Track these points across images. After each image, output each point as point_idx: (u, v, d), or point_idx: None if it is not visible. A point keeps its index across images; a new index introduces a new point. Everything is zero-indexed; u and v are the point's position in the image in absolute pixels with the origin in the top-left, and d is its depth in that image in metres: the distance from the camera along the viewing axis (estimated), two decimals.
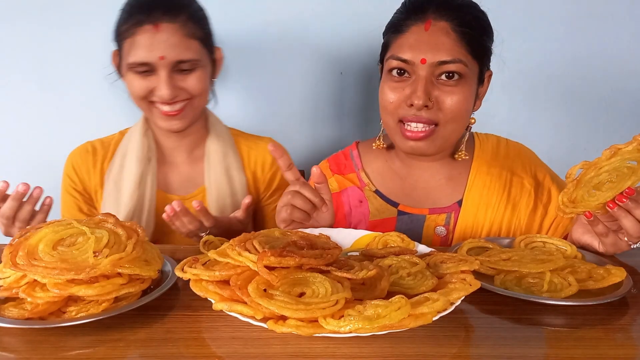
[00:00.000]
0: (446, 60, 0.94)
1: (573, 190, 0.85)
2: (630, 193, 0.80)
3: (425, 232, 1.08)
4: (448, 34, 0.95)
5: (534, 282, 0.76)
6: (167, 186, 1.22)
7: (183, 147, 1.22)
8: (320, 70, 1.44)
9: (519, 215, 1.07)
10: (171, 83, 1.06)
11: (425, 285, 0.67)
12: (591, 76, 1.47)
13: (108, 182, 1.17)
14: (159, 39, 1.03)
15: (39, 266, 0.63)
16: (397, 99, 0.99)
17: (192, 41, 1.07)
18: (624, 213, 0.82)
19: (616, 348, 0.63)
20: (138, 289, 0.68)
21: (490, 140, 1.14)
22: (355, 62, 1.44)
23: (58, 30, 1.34)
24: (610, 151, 0.83)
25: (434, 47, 0.95)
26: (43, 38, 1.34)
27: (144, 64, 1.04)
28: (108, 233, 0.69)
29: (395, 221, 1.09)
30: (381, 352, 0.59)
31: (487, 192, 1.07)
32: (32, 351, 0.59)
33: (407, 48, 0.97)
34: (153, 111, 1.11)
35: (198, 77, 1.09)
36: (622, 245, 0.88)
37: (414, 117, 0.97)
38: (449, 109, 0.97)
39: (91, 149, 1.20)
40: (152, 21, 1.03)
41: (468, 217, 1.07)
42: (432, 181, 1.10)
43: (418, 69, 0.96)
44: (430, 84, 0.96)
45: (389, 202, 1.10)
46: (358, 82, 1.47)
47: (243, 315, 0.59)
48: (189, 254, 0.74)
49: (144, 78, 1.07)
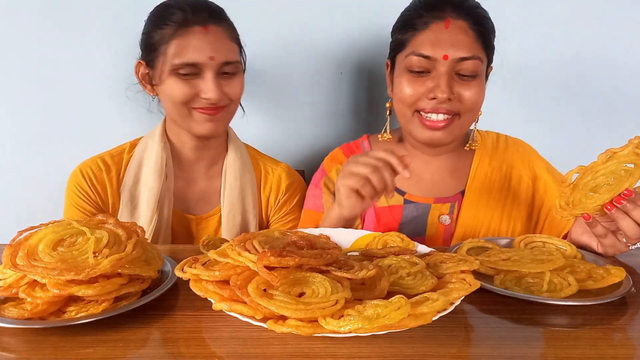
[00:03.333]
0: (466, 57, 1.01)
1: (570, 194, 0.85)
2: (629, 195, 0.81)
3: (430, 221, 1.12)
4: (466, 32, 1.02)
5: (533, 282, 0.76)
6: (184, 203, 1.20)
7: (203, 161, 1.20)
8: (320, 70, 1.44)
9: (519, 205, 1.13)
10: (219, 85, 1.06)
11: (425, 285, 0.67)
12: (591, 76, 1.47)
13: (124, 195, 1.14)
14: (208, 39, 1.04)
15: (39, 267, 0.63)
16: (416, 92, 1.04)
17: (235, 45, 1.11)
18: (622, 215, 0.82)
19: (616, 348, 0.63)
20: (138, 289, 0.69)
21: (490, 135, 1.21)
22: (355, 62, 1.44)
23: (58, 30, 1.34)
24: (606, 155, 0.83)
25: (455, 44, 1.00)
26: (43, 38, 1.34)
27: (193, 64, 1.04)
28: (108, 233, 0.69)
29: (401, 209, 1.13)
30: (381, 352, 0.59)
31: (489, 183, 1.14)
32: (32, 351, 0.59)
33: (428, 45, 1.02)
34: (193, 116, 1.09)
35: (239, 82, 1.11)
36: (621, 246, 0.88)
37: (433, 109, 1.03)
38: (469, 100, 1.03)
39: (103, 166, 1.15)
40: (200, 23, 1.04)
41: (471, 206, 1.12)
42: (437, 173, 1.16)
43: (439, 65, 1.01)
44: (451, 79, 1.02)
45: (396, 190, 1.11)
46: (358, 82, 1.47)
47: (243, 315, 0.59)
48: (189, 254, 0.74)
49: (188, 82, 1.05)
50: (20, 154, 1.42)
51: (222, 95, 1.07)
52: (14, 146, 1.41)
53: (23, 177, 1.43)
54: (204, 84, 1.05)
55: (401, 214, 1.12)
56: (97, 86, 1.38)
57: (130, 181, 1.15)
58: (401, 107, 1.08)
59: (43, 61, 1.36)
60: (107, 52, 1.36)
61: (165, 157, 1.15)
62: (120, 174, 1.16)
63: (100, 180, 1.15)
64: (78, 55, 1.36)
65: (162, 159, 1.14)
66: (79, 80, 1.38)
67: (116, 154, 1.18)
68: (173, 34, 1.04)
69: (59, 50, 1.35)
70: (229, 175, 1.19)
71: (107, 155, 1.17)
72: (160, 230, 1.14)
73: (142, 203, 1.14)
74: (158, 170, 1.13)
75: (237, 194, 1.18)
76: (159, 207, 1.13)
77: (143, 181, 1.14)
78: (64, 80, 1.38)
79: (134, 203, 1.14)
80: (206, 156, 1.20)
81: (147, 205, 1.12)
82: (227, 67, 1.08)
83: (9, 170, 1.42)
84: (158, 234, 1.14)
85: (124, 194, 1.14)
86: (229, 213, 1.18)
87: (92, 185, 1.14)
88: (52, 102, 1.39)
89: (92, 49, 1.36)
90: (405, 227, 1.12)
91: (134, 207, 1.14)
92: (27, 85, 1.37)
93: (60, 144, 1.41)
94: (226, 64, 1.07)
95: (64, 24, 1.34)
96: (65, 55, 1.36)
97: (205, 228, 1.21)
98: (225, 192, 1.18)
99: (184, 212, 1.19)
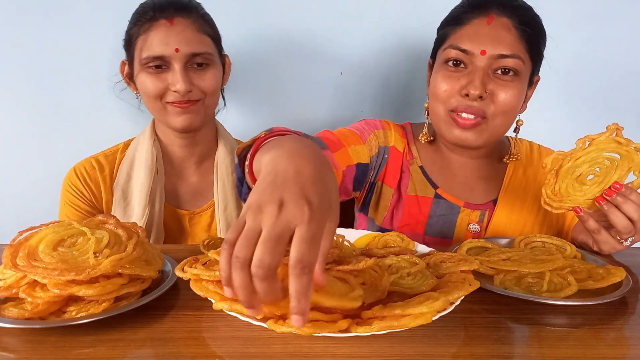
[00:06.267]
0: (506, 54, 0.96)
1: (555, 183, 0.86)
2: (619, 188, 0.81)
3: (459, 226, 1.10)
4: (509, 29, 0.97)
5: (533, 282, 0.76)
6: (176, 199, 1.21)
7: (193, 157, 1.21)
8: (320, 70, 1.44)
9: (551, 216, 1.10)
10: (186, 76, 1.06)
11: (425, 285, 0.67)
12: (591, 76, 1.47)
13: (117, 192, 1.16)
14: (173, 32, 1.05)
15: (39, 267, 0.63)
16: (450, 88, 1.00)
17: (205, 37, 1.10)
18: (613, 208, 0.83)
19: (615, 348, 0.63)
20: (138, 289, 0.69)
21: (524, 144, 1.18)
22: (355, 62, 1.44)
23: (55, 30, 1.34)
24: (584, 141, 0.83)
25: (495, 40, 0.96)
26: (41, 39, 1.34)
27: (159, 57, 1.05)
28: (108, 234, 0.70)
29: (430, 202, 1.10)
30: (381, 352, 0.59)
31: (523, 193, 1.10)
32: (32, 351, 0.59)
33: (466, 39, 0.98)
34: (168, 110, 1.10)
35: (211, 74, 1.11)
36: (615, 243, 0.87)
37: (466, 108, 0.98)
38: (502, 102, 0.98)
39: (97, 165, 1.18)
40: (166, 17, 1.06)
41: (502, 216, 1.09)
42: (471, 177, 1.12)
43: (476, 60, 0.97)
44: (486, 76, 0.97)
45: (429, 181, 1.11)
46: (358, 82, 1.47)
47: (243, 315, 0.59)
48: (189, 254, 0.74)
49: (158, 75, 1.07)
50: (20, 154, 1.42)
51: (192, 87, 1.08)
52: (14, 146, 1.41)
53: (23, 177, 1.43)
54: (172, 76, 1.06)
55: (429, 207, 1.10)
56: (100, 86, 1.38)
57: (123, 178, 1.17)
58: (434, 104, 1.04)
59: (42, 62, 1.36)
60: (109, 52, 1.36)
61: (156, 154, 1.17)
62: (114, 173, 1.19)
63: (93, 179, 1.17)
64: (78, 55, 1.36)
65: (152, 155, 1.16)
66: (79, 80, 1.38)
67: (110, 153, 1.21)
68: (140, 29, 1.07)
69: (61, 51, 1.35)
70: (220, 170, 1.20)
71: (101, 156, 1.20)
72: (153, 226, 1.15)
73: (134, 199, 1.15)
74: (149, 166, 1.16)
75: (230, 188, 1.19)
76: (150, 202, 1.14)
77: (135, 178, 1.16)
78: (64, 80, 1.38)
79: (127, 199, 1.16)
80: (196, 152, 1.21)
81: (139, 200, 1.14)
82: (197, 59, 1.08)
83: (9, 170, 1.42)
84: (150, 229, 1.15)
85: (117, 191, 1.17)
86: (225, 209, 1.19)
87: (86, 184, 1.17)
88: (52, 102, 1.39)
89: (92, 50, 1.36)
90: (433, 225, 1.10)
91: (126, 204, 1.16)
92: (27, 85, 1.37)
93: (60, 144, 1.41)
94: (194, 55, 1.07)
95: (61, 24, 1.34)
96: (67, 55, 1.36)
97: (198, 223, 1.21)
98: (219, 187, 1.19)
99: (176, 207, 1.20)
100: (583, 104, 1.49)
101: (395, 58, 1.44)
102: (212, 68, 1.11)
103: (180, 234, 1.21)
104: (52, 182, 1.39)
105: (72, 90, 1.39)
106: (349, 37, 1.41)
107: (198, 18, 1.10)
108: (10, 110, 1.39)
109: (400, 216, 1.11)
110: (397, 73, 1.46)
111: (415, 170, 1.12)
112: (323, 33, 1.41)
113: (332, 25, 1.40)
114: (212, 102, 1.15)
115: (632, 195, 0.83)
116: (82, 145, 1.30)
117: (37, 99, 1.38)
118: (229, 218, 1.19)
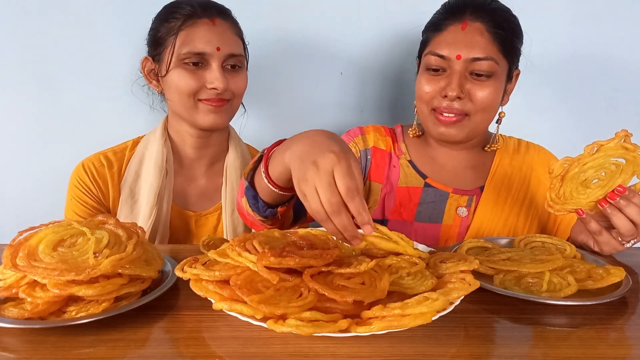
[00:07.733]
0: (479, 57, 1.04)
1: (560, 187, 0.86)
2: (622, 191, 0.81)
3: (448, 210, 1.15)
4: (482, 34, 1.04)
5: (533, 282, 0.76)
6: (184, 200, 1.21)
7: (204, 159, 1.22)
8: (320, 70, 1.44)
9: (537, 206, 1.16)
10: (224, 75, 1.08)
11: (424, 285, 0.67)
12: (591, 76, 1.47)
13: (124, 190, 1.16)
14: (215, 31, 1.08)
15: (39, 267, 0.63)
16: (432, 90, 1.08)
17: (240, 40, 1.14)
18: (616, 211, 0.83)
19: (615, 348, 0.63)
20: (138, 289, 0.69)
21: (512, 139, 1.25)
22: (355, 62, 1.44)
23: (60, 29, 1.34)
24: (593, 147, 0.83)
25: (469, 45, 1.04)
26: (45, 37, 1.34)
27: (200, 54, 1.07)
28: (108, 234, 0.70)
29: (420, 191, 1.16)
30: (381, 352, 0.59)
31: (508, 181, 1.17)
32: (32, 351, 0.59)
33: (444, 45, 1.06)
34: (199, 107, 1.11)
35: (243, 76, 1.15)
36: (616, 244, 0.88)
37: (446, 108, 1.07)
38: (480, 100, 1.06)
39: (105, 161, 1.17)
40: (208, 16, 1.08)
41: (489, 201, 1.14)
42: (459, 166, 1.19)
43: (453, 64, 1.05)
44: (463, 78, 1.05)
45: (419, 172, 1.18)
46: (358, 82, 1.47)
47: (243, 315, 0.59)
48: (189, 254, 0.74)
49: (195, 72, 1.08)
50: (20, 154, 1.42)
51: (228, 86, 1.09)
52: (15, 146, 1.41)
53: (23, 177, 1.43)
54: (210, 74, 1.08)
55: (419, 196, 1.15)
56: (99, 86, 1.38)
57: (131, 177, 1.17)
58: (419, 104, 1.12)
59: (45, 61, 1.36)
60: (110, 51, 1.36)
61: (166, 154, 1.17)
62: (122, 170, 1.18)
63: (102, 175, 1.16)
64: (80, 54, 1.36)
65: (162, 155, 1.16)
66: (81, 79, 1.38)
67: (119, 150, 1.21)
68: (181, 25, 1.07)
69: (62, 49, 1.35)
70: (229, 173, 1.20)
71: (110, 152, 1.20)
72: (159, 226, 1.15)
73: (141, 198, 1.15)
74: (159, 166, 1.15)
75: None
76: (158, 203, 1.14)
77: (143, 177, 1.16)
78: (66, 80, 1.38)
79: (134, 198, 1.16)
80: (207, 154, 1.21)
81: (147, 200, 1.14)
82: (232, 60, 1.11)
83: (9, 170, 1.42)
84: (156, 229, 1.15)
85: (125, 189, 1.16)
86: (232, 212, 1.18)
87: (94, 179, 1.16)
88: (53, 102, 1.39)
89: (95, 49, 1.36)
90: (423, 212, 1.15)
91: (134, 202, 1.16)
92: (28, 84, 1.37)
93: (61, 143, 1.41)
94: (231, 56, 1.10)
95: (65, 23, 1.34)
96: (67, 54, 1.36)
97: (204, 225, 1.21)
98: (227, 191, 1.19)
99: (183, 208, 1.20)
100: (583, 104, 1.49)
101: (396, 58, 1.44)
102: (243, 71, 1.15)
103: (186, 235, 1.21)
104: (53, 182, 1.40)
105: (73, 91, 1.38)
106: (349, 37, 1.42)
107: (235, 22, 1.14)
108: (10, 110, 1.39)
109: (392, 206, 1.16)
110: (397, 73, 1.46)
111: (405, 164, 1.20)
112: (323, 33, 1.41)
113: (332, 25, 1.40)
114: (237, 104, 1.17)
115: (635, 198, 0.83)
116: (82, 146, 1.30)
117: (37, 99, 1.38)
118: (236, 222, 1.19)
